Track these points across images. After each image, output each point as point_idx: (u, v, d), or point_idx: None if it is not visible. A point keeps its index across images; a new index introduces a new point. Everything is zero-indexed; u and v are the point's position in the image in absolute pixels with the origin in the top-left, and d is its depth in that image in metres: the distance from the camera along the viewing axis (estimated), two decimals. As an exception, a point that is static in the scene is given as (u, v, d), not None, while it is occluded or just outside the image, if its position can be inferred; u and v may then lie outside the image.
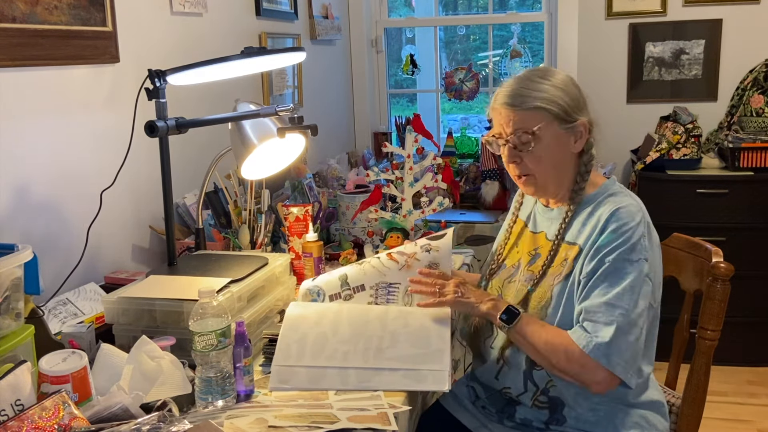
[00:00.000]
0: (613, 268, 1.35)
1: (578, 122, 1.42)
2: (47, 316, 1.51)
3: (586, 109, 1.45)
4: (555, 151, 1.42)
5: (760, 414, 2.84)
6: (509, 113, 1.41)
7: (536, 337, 1.37)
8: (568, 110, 1.40)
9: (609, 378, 1.33)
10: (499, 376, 1.50)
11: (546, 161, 1.42)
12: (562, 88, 1.41)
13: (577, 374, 1.34)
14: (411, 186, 2.13)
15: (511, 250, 1.57)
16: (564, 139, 1.42)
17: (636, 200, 1.43)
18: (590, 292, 1.36)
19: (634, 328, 1.33)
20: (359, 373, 1.36)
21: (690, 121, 3.20)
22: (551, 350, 1.35)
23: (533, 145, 1.40)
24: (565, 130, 1.41)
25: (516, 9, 4.11)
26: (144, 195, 2.02)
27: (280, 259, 1.72)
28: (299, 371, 1.37)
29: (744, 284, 2.92)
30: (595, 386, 1.35)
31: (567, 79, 1.44)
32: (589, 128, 1.45)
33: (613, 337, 1.31)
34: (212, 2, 2.37)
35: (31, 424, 1.01)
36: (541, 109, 1.39)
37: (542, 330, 1.38)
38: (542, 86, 1.40)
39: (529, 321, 1.40)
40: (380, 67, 3.90)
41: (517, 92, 1.40)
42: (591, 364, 1.32)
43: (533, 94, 1.39)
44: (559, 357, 1.34)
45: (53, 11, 1.66)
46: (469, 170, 3.34)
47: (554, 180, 1.46)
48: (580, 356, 1.32)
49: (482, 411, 1.56)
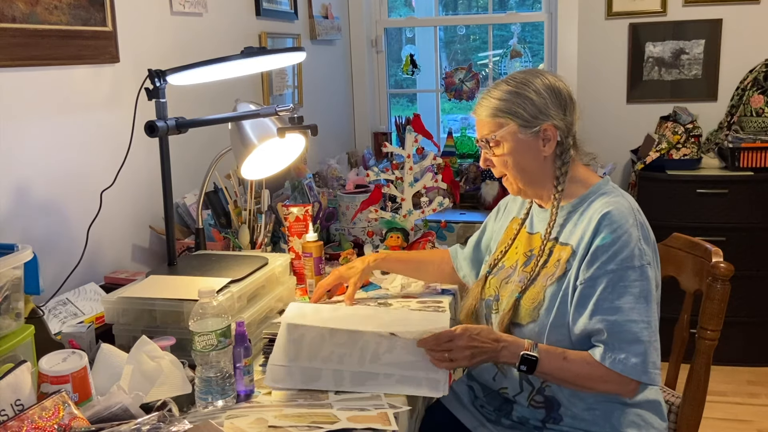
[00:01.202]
0: (618, 277, 1.34)
1: (542, 127, 1.43)
2: (47, 316, 1.51)
3: (561, 113, 1.45)
4: (521, 155, 1.45)
5: (760, 414, 2.84)
6: (478, 121, 1.50)
7: (565, 373, 1.38)
8: (528, 116, 1.43)
9: (637, 387, 1.37)
10: (495, 378, 1.52)
11: (512, 165, 1.47)
12: (525, 95, 1.44)
13: (617, 392, 1.38)
14: (411, 186, 2.13)
15: (509, 250, 1.58)
16: (530, 144, 1.45)
17: (628, 200, 1.43)
18: (601, 305, 1.35)
19: (655, 334, 1.35)
20: (354, 376, 1.36)
21: (690, 121, 3.20)
22: (585, 381, 1.37)
23: (496, 151, 1.47)
24: (529, 135, 1.44)
25: (516, 9, 4.11)
26: (144, 195, 2.02)
27: (280, 259, 1.72)
28: (294, 370, 1.37)
29: (744, 284, 2.93)
30: (630, 394, 1.39)
31: (544, 84, 1.45)
32: (566, 131, 1.45)
33: (644, 354, 1.33)
34: (212, 2, 2.37)
35: (31, 424, 1.01)
36: (501, 114, 1.45)
37: (565, 364, 1.37)
38: (505, 94, 1.45)
39: (550, 359, 1.37)
40: (380, 67, 3.90)
41: (482, 102, 1.49)
42: (627, 381, 1.35)
43: (492, 103, 1.46)
44: (595, 384, 1.37)
45: (53, 11, 1.66)
46: (469, 170, 3.34)
47: (527, 182, 1.49)
48: (618, 379, 1.34)
49: (481, 410, 1.57)
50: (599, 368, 1.34)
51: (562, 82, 1.48)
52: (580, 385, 1.38)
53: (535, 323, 1.41)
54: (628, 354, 1.32)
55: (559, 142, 1.45)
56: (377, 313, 1.58)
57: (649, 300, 1.35)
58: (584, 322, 1.36)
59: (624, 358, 1.33)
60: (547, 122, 1.44)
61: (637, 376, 1.33)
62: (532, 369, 1.36)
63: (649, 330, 1.34)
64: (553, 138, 1.44)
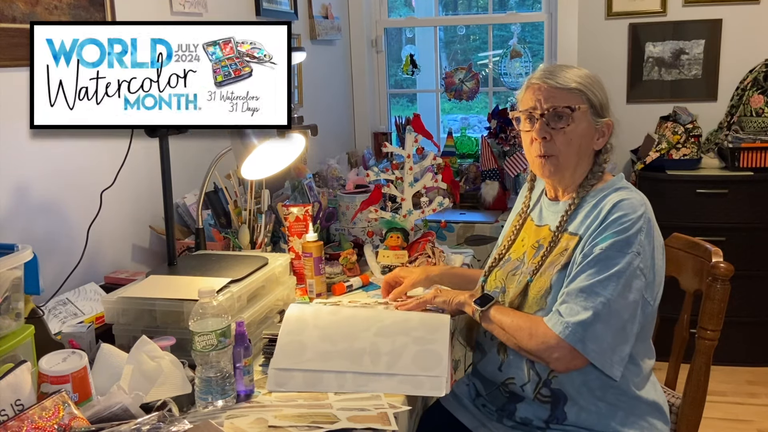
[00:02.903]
0: (603, 255, 1.35)
1: (605, 120, 1.47)
2: (47, 316, 1.51)
3: (611, 112, 1.50)
4: (583, 138, 1.46)
5: (760, 414, 2.84)
6: (550, 89, 1.45)
7: (506, 319, 1.42)
8: (601, 104, 1.47)
9: (569, 356, 1.34)
10: (502, 367, 1.49)
11: (573, 144, 1.45)
12: (599, 83, 1.47)
13: (548, 354, 1.35)
14: (411, 186, 2.13)
15: (515, 243, 1.58)
16: (591, 131, 1.47)
17: (641, 196, 1.44)
18: (576, 276, 1.37)
19: (615, 318, 1.33)
20: (356, 378, 1.36)
21: (690, 121, 3.20)
22: (516, 329, 1.39)
23: (568, 124, 1.44)
24: (594, 123, 1.46)
25: (516, 9, 4.11)
26: (144, 195, 2.02)
27: (280, 259, 1.72)
28: (296, 374, 1.38)
29: (744, 284, 2.92)
30: (554, 364, 1.36)
31: (599, 78, 1.50)
32: (611, 131, 1.49)
33: (589, 323, 1.31)
34: (212, 2, 2.37)
35: (31, 424, 1.01)
36: (581, 92, 1.44)
37: (513, 313, 1.43)
38: (584, 77, 1.46)
39: (502, 308, 1.46)
40: (380, 67, 3.90)
41: (558, 72, 1.46)
42: (560, 346, 1.33)
43: (574, 76, 1.45)
44: (523, 335, 1.38)
45: (53, 11, 1.66)
46: (469, 170, 3.34)
47: (573, 166, 1.48)
48: (554, 341, 1.34)
49: (482, 410, 1.56)
50: (535, 320, 1.38)
51: None
52: (519, 338, 1.39)
53: (543, 311, 1.42)
54: (571, 316, 1.33)
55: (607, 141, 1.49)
56: (378, 315, 1.57)
57: (622, 284, 1.33)
58: (560, 293, 1.39)
59: (562, 318, 1.34)
60: (610, 118, 1.47)
61: (572, 341, 1.32)
62: (484, 304, 1.45)
63: (606, 307, 1.32)
64: (608, 135, 1.48)
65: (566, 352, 1.33)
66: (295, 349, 1.41)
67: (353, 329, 1.46)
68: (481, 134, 3.47)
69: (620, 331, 1.34)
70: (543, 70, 1.48)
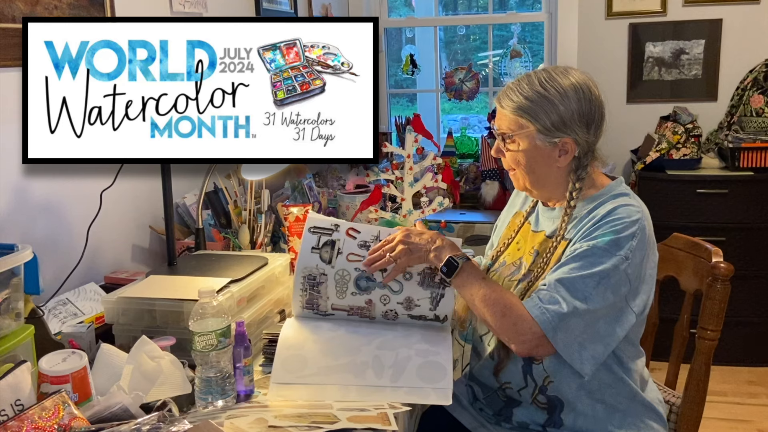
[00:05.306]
0: (591, 252, 1.33)
1: (561, 140, 1.40)
2: (47, 316, 1.51)
3: (585, 130, 1.41)
4: (534, 158, 1.43)
5: (760, 414, 2.84)
6: (500, 110, 1.46)
7: (480, 290, 1.37)
8: (550, 125, 1.39)
9: (536, 341, 1.32)
10: (497, 372, 1.49)
11: (523, 165, 1.44)
12: (553, 102, 1.39)
13: (515, 336, 1.33)
14: (411, 186, 2.13)
15: (510, 245, 1.57)
16: (545, 151, 1.41)
17: (639, 204, 1.42)
18: (561, 266, 1.35)
19: (589, 316, 1.31)
20: (360, 390, 1.33)
21: (690, 121, 3.20)
22: (491, 304, 1.35)
23: (510, 147, 1.44)
24: (547, 143, 1.41)
25: (516, 9, 4.11)
26: (144, 195, 2.02)
27: (280, 259, 1.72)
28: (298, 388, 1.34)
29: (744, 284, 2.94)
30: (518, 345, 1.33)
31: (579, 95, 1.40)
32: (585, 148, 1.42)
33: (564, 315, 1.30)
34: (212, 2, 2.37)
35: (31, 424, 1.01)
36: (521, 116, 1.41)
37: (484, 282, 1.38)
38: (534, 94, 1.40)
39: (471, 271, 1.39)
40: (380, 67, 3.90)
41: (509, 93, 1.43)
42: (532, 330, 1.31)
43: (518, 100, 1.40)
44: (496, 310, 1.34)
45: (53, 11, 1.66)
46: (469, 170, 3.34)
47: (534, 183, 1.47)
48: (519, 316, 1.32)
49: (480, 413, 1.56)
50: (519, 305, 1.34)
51: (599, 97, 1.44)
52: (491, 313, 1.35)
53: None
54: (549, 303, 1.31)
55: (575, 157, 1.42)
56: (378, 330, 1.48)
57: (605, 284, 1.31)
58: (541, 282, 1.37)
59: (540, 304, 1.32)
60: (568, 136, 1.40)
61: (545, 328, 1.30)
62: (451, 273, 1.38)
63: (585, 303, 1.30)
64: (571, 152, 1.41)
65: (535, 336, 1.31)
66: (296, 363, 1.38)
67: (355, 343, 1.43)
68: (481, 134, 3.47)
69: (592, 328, 1.32)
70: (504, 89, 1.45)
